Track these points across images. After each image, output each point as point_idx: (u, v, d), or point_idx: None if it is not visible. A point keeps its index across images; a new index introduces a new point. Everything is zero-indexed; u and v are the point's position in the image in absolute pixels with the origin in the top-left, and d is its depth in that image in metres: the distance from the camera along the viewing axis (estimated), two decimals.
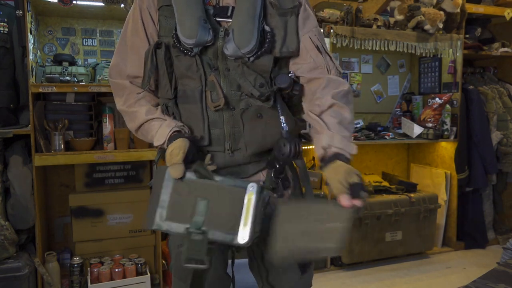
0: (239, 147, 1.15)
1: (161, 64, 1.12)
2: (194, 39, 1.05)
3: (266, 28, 1.10)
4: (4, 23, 2.30)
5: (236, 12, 1.10)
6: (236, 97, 1.12)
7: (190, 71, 1.11)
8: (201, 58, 1.11)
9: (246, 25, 1.07)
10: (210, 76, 1.11)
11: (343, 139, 1.06)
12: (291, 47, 1.13)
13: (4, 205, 2.27)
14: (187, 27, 1.06)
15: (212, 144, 1.15)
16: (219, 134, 1.14)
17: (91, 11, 2.56)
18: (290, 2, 1.13)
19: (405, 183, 3.25)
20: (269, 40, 1.09)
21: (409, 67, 3.72)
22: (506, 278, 1.27)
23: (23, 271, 2.18)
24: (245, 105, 1.13)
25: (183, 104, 1.15)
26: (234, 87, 1.12)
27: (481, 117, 3.31)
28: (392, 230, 3.04)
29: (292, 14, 1.13)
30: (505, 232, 3.61)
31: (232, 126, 1.14)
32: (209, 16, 1.11)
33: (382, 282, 2.80)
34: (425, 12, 3.02)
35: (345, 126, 1.08)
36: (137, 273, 2.43)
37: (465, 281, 2.34)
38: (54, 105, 2.39)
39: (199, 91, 1.12)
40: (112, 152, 2.39)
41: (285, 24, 1.12)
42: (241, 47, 1.06)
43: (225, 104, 1.10)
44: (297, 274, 1.24)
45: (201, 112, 1.12)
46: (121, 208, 2.51)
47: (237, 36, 1.06)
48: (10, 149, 2.31)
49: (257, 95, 1.10)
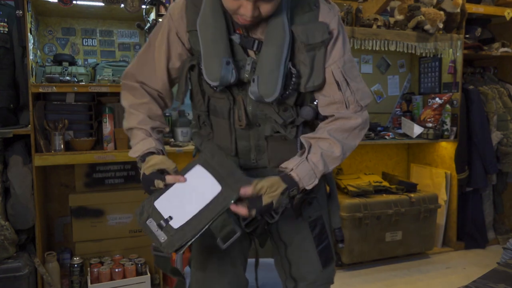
0: (263, 158, 1.22)
1: (195, 84, 1.19)
2: (217, 81, 1.08)
3: (292, 70, 1.10)
4: (4, 23, 2.30)
5: (264, 52, 1.09)
6: (262, 116, 1.17)
7: (218, 94, 1.15)
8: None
9: (272, 74, 1.07)
10: (238, 97, 1.16)
11: (309, 170, 1.10)
12: (317, 82, 1.12)
13: (4, 205, 2.27)
14: (211, 70, 1.08)
15: (238, 155, 1.23)
16: (245, 146, 1.21)
17: (91, 11, 2.56)
18: (320, 36, 1.09)
19: (405, 183, 3.25)
20: (294, 82, 1.10)
21: (409, 67, 3.72)
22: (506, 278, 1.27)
23: (23, 271, 2.18)
24: (270, 130, 1.17)
25: (214, 117, 1.21)
26: (260, 107, 1.16)
27: (481, 117, 3.31)
28: (392, 230, 3.04)
29: (321, 47, 1.10)
30: (505, 232, 3.61)
31: (257, 140, 1.20)
32: (235, 47, 1.11)
33: (382, 282, 2.80)
34: (425, 12, 3.02)
35: (325, 160, 1.11)
36: (137, 273, 2.43)
37: (465, 281, 2.34)
38: (54, 105, 2.39)
39: (227, 109, 1.17)
40: (112, 152, 2.39)
41: (312, 59, 1.10)
42: (265, 96, 1.08)
43: (248, 124, 1.17)
44: (318, 268, 1.28)
45: (228, 127, 1.19)
46: (121, 208, 2.51)
47: (262, 85, 1.07)
48: (10, 149, 2.31)
49: (281, 122, 1.14)
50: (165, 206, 1.04)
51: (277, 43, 1.07)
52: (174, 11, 1.17)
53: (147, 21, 2.36)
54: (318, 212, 1.28)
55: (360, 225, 2.91)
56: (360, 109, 1.15)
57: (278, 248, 1.32)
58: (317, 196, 1.26)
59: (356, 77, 1.15)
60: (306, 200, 1.23)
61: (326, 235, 1.30)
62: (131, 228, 2.54)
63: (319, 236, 1.28)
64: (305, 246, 1.27)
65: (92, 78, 2.56)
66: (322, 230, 1.29)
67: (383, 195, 3.08)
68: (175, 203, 1.04)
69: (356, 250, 2.94)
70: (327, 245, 1.30)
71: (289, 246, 1.28)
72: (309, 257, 1.27)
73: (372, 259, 3.01)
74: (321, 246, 1.28)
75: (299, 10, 1.11)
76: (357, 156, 3.50)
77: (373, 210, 2.93)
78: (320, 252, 1.28)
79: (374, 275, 2.90)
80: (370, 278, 2.85)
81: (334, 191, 1.35)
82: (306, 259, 1.28)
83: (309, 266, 1.28)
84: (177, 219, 1.02)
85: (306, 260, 1.28)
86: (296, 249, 1.28)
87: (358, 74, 1.17)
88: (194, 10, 1.12)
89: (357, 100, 1.14)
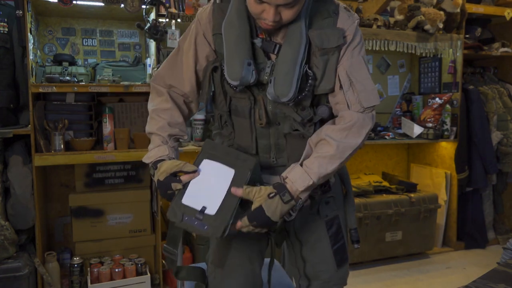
0: (282, 157, 1.25)
1: (217, 85, 1.23)
2: (238, 81, 1.13)
3: (309, 72, 1.14)
4: (4, 23, 2.30)
5: (281, 55, 1.14)
6: (281, 115, 1.21)
7: (239, 94, 1.21)
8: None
9: (287, 75, 1.11)
10: (258, 97, 1.20)
11: (302, 172, 1.11)
12: (327, 87, 1.16)
13: (4, 205, 2.27)
14: (232, 70, 1.13)
15: (258, 153, 1.26)
16: (265, 145, 1.25)
17: (91, 11, 2.56)
18: (335, 41, 1.13)
19: (405, 183, 3.25)
20: (310, 85, 1.14)
21: (409, 67, 3.72)
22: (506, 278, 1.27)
23: (23, 271, 2.18)
24: (289, 128, 1.21)
25: (235, 116, 1.26)
26: (279, 107, 1.20)
27: (481, 117, 3.31)
28: (392, 230, 3.04)
29: (335, 52, 1.14)
30: (505, 232, 3.61)
31: (277, 138, 1.23)
32: (256, 50, 1.16)
33: (382, 282, 2.81)
34: (425, 12, 3.02)
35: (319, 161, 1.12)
36: (137, 273, 2.43)
37: (465, 281, 2.35)
38: (54, 105, 2.39)
39: (248, 108, 1.22)
40: (112, 152, 2.39)
41: (325, 64, 1.14)
42: (280, 96, 1.12)
43: (268, 123, 1.21)
44: (333, 267, 1.29)
45: (249, 126, 1.23)
46: (121, 208, 2.52)
47: (278, 86, 1.12)
48: (10, 149, 2.31)
49: (299, 120, 1.18)
50: (193, 200, 1.10)
51: (294, 47, 1.12)
52: (202, 15, 1.23)
53: (147, 21, 2.36)
54: (335, 212, 1.30)
55: (360, 225, 2.91)
56: (362, 110, 1.15)
57: (293, 247, 1.33)
58: (334, 196, 1.29)
59: (363, 79, 1.16)
60: (323, 200, 1.26)
61: (342, 235, 1.31)
62: (131, 228, 2.54)
63: (335, 235, 1.29)
64: (320, 245, 1.29)
65: (92, 78, 2.56)
66: (338, 229, 1.30)
67: (383, 195, 3.08)
68: (201, 195, 1.11)
69: (356, 250, 2.94)
70: (343, 245, 1.31)
71: (305, 245, 1.29)
72: (324, 256, 1.29)
73: (372, 259, 3.01)
74: (336, 246, 1.29)
75: (318, 17, 1.16)
76: (357, 156, 3.50)
77: (373, 210, 2.93)
78: (336, 251, 1.29)
79: (374, 275, 2.90)
80: (370, 278, 2.85)
81: (350, 191, 1.36)
82: (321, 258, 1.29)
83: (324, 265, 1.29)
84: (210, 207, 1.09)
85: (321, 259, 1.29)
86: (311, 248, 1.29)
87: (367, 76, 1.18)
88: (220, 15, 1.18)
89: (359, 100, 1.15)
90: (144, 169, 2.62)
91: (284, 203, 1.09)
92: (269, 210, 1.07)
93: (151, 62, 2.50)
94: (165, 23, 2.41)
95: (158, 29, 2.34)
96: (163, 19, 2.42)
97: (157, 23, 2.36)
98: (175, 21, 2.48)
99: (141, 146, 2.44)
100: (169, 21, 2.45)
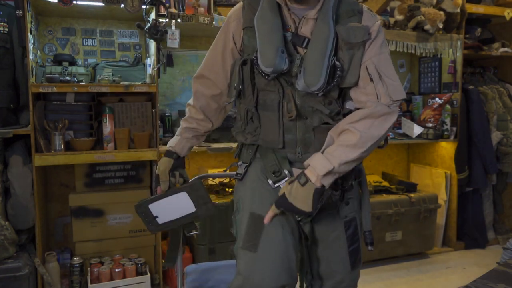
0: (309, 152, 1.25)
1: (246, 79, 1.27)
2: (272, 68, 1.17)
3: (337, 64, 1.18)
4: (4, 23, 2.30)
5: (310, 47, 1.19)
6: (309, 108, 1.24)
7: (270, 86, 1.25)
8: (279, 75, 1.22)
9: (317, 65, 1.15)
10: (287, 90, 1.24)
11: (322, 158, 1.14)
12: (352, 81, 1.20)
13: (4, 205, 2.27)
14: (267, 57, 1.18)
15: (285, 147, 1.28)
16: (292, 139, 1.27)
17: (91, 11, 2.56)
18: (360, 36, 1.18)
19: (405, 183, 3.25)
20: (338, 76, 1.18)
21: (409, 67, 3.72)
22: (506, 278, 1.27)
23: (23, 271, 2.18)
24: (318, 121, 1.24)
25: (263, 111, 1.29)
26: (307, 100, 1.23)
27: (481, 117, 3.31)
28: (392, 230, 3.04)
29: (360, 47, 1.19)
30: (505, 232, 3.61)
31: (304, 133, 1.26)
32: (287, 43, 1.22)
33: (382, 282, 2.81)
34: (425, 12, 3.02)
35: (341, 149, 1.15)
36: (137, 273, 2.43)
37: (465, 281, 2.34)
38: (54, 105, 2.39)
39: (277, 102, 1.25)
40: (112, 152, 2.39)
41: (351, 58, 1.19)
42: (310, 86, 1.16)
43: (298, 115, 1.24)
44: (347, 268, 1.31)
45: (277, 119, 1.26)
46: (121, 208, 2.52)
47: (307, 76, 1.16)
48: (10, 149, 2.31)
49: (327, 112, 1.21)
50: (156, 209, 1.45)
51: (322, 39, 1.17)
52: (232, 13, 1.32)
53: (147, 21, 2.36)
54: (354, 213, 1.32)
55: None
56: (391, 103, 1.19)
57: (307, 246, 1.32)
58: (353, 197, 1.31)
59: (391, 74, 1.21)
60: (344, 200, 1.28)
61: (358, 237, 1.33)
62: (131, 228, 2.54)
63: (352, 236, 1.31)
64: (338, 245, 1.30)
65: (92, 78, 2.56)
66: (355, 231, 1.32)
67: (383, 195, 3.08)
68: (163, 209, 1.45)
69: None
70: (358, 247, 1.33)
71: (322, 243, 1.31)
72: (340, 256, 1.30)
73: (372, 259, 3.01)
74: (352, 247, 1.31)
75: (344, 15, 1.22)
76: None
77: (373, 210, 2.93)
78: (351, 252, 1.31)
79: (374, 275, 2.90)
80: (370, 278, 2.85)
81: (366, 194, 1.38)
82: (337, 258, 1.31)
83: (339, 265, 1.31)
84: (161, 219, 1.46)
85: (337, 259, 1.31)
86: (328, 247, 1.30)
87: (394, 72, 1.23)
88: (251, 11, 1.25)
89: (389, 93, 1.18)
90: (144, 169, 2.62)
91: (302, 186, 1.13)
92: (290, 195, 1.15)
93: (151, 62, 2.50)
94: (165, 23, 2.41)
95: (158, 29, 2.34)
96: (163, 19, 2.42)
97: (157, 23, 2.36)
98: (175, 21, 2.48)
99: (141, 146, 2.44)
100: (169, 21, 2.45)
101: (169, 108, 2.94)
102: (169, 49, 2.74)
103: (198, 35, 2.96)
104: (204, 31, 2.73)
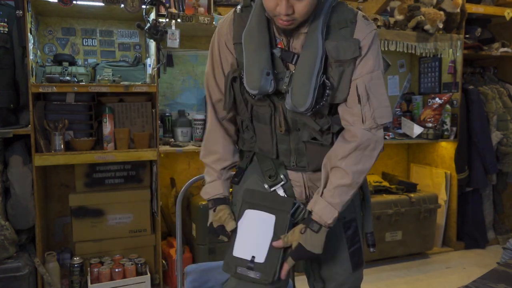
0: (302, 161, 1.27)
1: (238, 94, 1.25)
2: (256, 90, 1.15)
3: (326, 82, 1.15)
4: (4, 23, 2.30)
5: (298, 66, 1.15)
6: (301, 121, 1.22)
7: (260, 102, 1.23)
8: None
9: (304, 85, 1.12)
10: (278, 104, 1.22)
11: (326, 206, 1.15)
12: (342, 98, 1.18)
13: (4, 205, 2.27)
14: (251, 79, 1.15)
15: (279, 157, 1.29)
16: (285, 150, 1.27)
17: (91, 11, 2.56)
18: (350, 53, 1.14)
19: (405, 183, 3.25)
20: (327, 94, 1.15)
21: (409, 67, 3.72)
22: (506, 278, 1.27)
23: (23, 271, 2.18)
24: (308, 136, 1.23)
25: (256, 122, 1.29)
26: (297, 115, 1.21)
27: (481, 117, 3.31)
28: (392, 230, 3.04)
29: (350, 64, 1.15)
30: (505, 232, 3.61)
31: (297, 143, 1.25)
32: (275, 59, 1.18)
33: (382, 282, 2.81)
34: (425, 12, 3.02)
35: (339, 192, 1.15)
36: (137, 273, 2.43)
37: (465, 281, 2.35)
38: (54, 105, 2.39)
39: (269, 115, 1.24)
40: (112, 152, 2.39)
41: (341, 75, 1.16)
42: (298, 106, 1.13)
43: (288, 129, 1.24)
44: (349, 270, 1.30)
45: (270, 131, 1.26)
46: (121, 208, 2.52)
47: (295, 96, 1.13)
48: (10, 149, 2.31)
49: (317, 128, 1.20)
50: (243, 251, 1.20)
51: (310, 58, 1.13)
52: (222, 25, 1.26)
53: (147, 21, 2.36)
54: (353, 214, 1.31)
55: None
56: (375, 126, 1.16)
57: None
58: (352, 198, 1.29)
59: (380, 95, 1.17)
60: None
61: (358, 238, 1.32)
62: (131, 228, 2.54)
63: (351, 237, 1.31)
64: (337, 246, 1.30)
65: (92, 78, 2.56)
66: (355, 232, 1.32)
67: (383, 195, 3.08)
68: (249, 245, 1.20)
69: None
70: (359, 249, 1.32)
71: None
72: (340, 258, 1.30)
73: (372, 259, 3.01)
74: (353, 248, 1.31)
75: (336, 26, 1.16)
76: None
77: (373, 210, 2.93)
78: (352, 254, 1.30)
79: (374, 275, 2.90)
80: (370, 278, 2.85)
81: (367, 195, 1.38)
82: (337, 259, 1.30)
83: (340, 267, 1.30)
84: (259, 255, 1.18)
85: (337, 260, 1.30)
86: (328, 249, 1.29)
87: (384, 92, 1.18)
88: (240, 24, 1.21)
89: (374, 116, 1.15)
90: (144, 169, 2.62)
91: (316, 233, 1.14)
92: (307, 244, 1.14)
93: (151, 62, 2.50)
94: (165, 23, 2.41)
95: (158, 29, 2.34)
96: (163, 19, 2.42)
97: (157, 23, 2.36)
98: (175, 21, 2.48)
99: (141, 146, 2.44)
100: (169, 21, 2.45)
101: (169, 108, 2.95)
102: (169, 49, 2.74)
103: (198, 35, 2.96)
104: (204, 31, 2.73)
